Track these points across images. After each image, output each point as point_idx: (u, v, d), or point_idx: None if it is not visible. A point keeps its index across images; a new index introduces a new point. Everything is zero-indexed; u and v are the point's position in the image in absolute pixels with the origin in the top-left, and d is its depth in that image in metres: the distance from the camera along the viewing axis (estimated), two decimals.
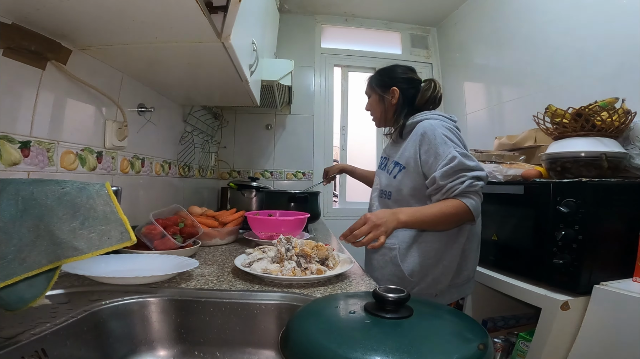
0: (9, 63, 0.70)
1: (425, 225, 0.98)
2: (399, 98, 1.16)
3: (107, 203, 0.48)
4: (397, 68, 1.21)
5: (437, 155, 0.99)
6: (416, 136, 1.06)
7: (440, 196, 0.98)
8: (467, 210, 0.95)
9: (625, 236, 1.06)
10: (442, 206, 0.95)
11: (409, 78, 1.18)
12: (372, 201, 1.23)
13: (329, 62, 2.67)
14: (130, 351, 0.61)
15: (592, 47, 1.44)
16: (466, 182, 0.94)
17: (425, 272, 1.05)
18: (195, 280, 0.76)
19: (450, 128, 1.04)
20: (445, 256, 1.06)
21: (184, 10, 0.69)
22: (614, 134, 1.17)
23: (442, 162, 0.97)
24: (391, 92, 1.17)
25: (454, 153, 0.96)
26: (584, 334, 1.01)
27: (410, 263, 1.06)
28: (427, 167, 1.02)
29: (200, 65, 1.03)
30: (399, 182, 1.09)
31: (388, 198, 1.14)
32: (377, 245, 0.87)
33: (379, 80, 1.22)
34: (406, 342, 0.38)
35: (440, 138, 1.00)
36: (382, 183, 1.18)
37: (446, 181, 0.96)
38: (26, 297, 0.47)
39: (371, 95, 1.24)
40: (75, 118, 0.92)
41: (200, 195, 2.03)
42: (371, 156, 2.72)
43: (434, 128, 1.02)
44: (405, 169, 1.08)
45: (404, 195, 1.08)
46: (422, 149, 1.03)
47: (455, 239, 1.06)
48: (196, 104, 1.73)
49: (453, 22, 2.53)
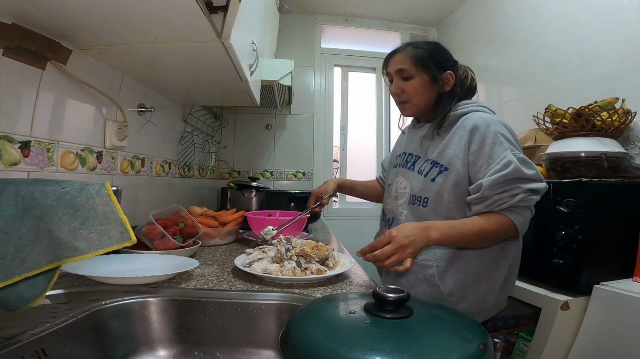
0: (9, 63, 0.70)
1: (461, 244, 0.84)
2: (452, 87, 0.96)
3: (107, 203, 0.48)
4: (446, 51, 0.99)
5: (490, 157, 0.83)
6: (464, 131, 0.89)
7: (483, 208, 0.82)
8: (513, 227, 0.80)
9: (625, 236, 1.06)
10: (484, 222, 0.80)
11: (458, 65, 1.00)
12: (399, 208, 1.00)
13: (329, 62, 2.67)
14: (130, 351, 0.61)
15: (592, 47, 1.44)
16: (519, 196, 0.79)
17: (466, 291, 0.91)
18: (195, 280, 0.76)
19: (507, 127, 0.88)
20: (490, 273, 0.91)
21: (184, 10, 0.69)
22: (614, 134, 1.17)
23: (494, 167, 0.81)
24: (446, 76, 0.95)
25: (510, 158, 0.80)
26: (584, 334, 1.01)
27: (449, 281, 0.90)
28: (475, 169, 0.85)
29: (200, 65, 1.03)
30: (439, 187, 0.90)
31: (424, 205, 0.93)
32: (402, 269, 0.73)
33: (434, 58, 0.95)
34: (406, 342, 0.38)
35: (496, 137, 0.84)
36: (414, 186, 0.96)
37: (494, 191, 0.80)
38: (26, 297, 0.47)
39: (414, 76, 0.95)
40: (75, 118, 0.92)
41: (200, 195, 2.03)
42: (371, 156, 2.72)
43: (489, 124, 0.86)
44: (447, 171, 0.90)
45: (445, 202, 0.90)
46: (472, 147, 0.86)
47: (502, 254, 0.92)
48: (196, 104, 1.73)
49: (453, 22, 2.53)
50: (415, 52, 0.95)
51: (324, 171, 2.59)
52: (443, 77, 0.95)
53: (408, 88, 0.96)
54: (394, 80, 0.99)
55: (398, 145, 1.18)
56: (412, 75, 0.95)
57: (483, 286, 0.91)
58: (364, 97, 2.76)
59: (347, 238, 1.85)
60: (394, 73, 0.98)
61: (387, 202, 1.08)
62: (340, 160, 2.70)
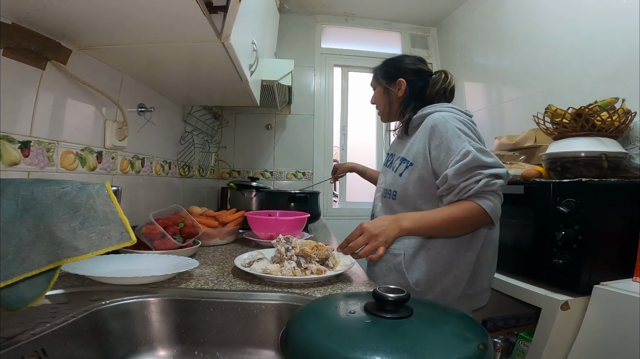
0: (9, 63, 0.70)
1: (433, 232, 0.88)
2: (405, 91, 1.07)
3: (107, 203, 0.48)
4: (405, 59, 1.11)
5: (449, 150, 0.89)
6: (425, 129, 0.96)
7: (453, 197, 0.87)
8: (483, 212, 0.84)
9: (625, 236, 1.06)
10: (453, 209, 0.85)
11: (418, 70, 1.08)
12: (376, 201, 1.14)
13: (329, 62, 2.67)
14: (130, 351, 0.61)
15: (592, 47, 1.44)
16: (482, 181, 0.83)
17: (433, 282, 0.95)
18: (195, 280, 0.76)
19: (465, 121, 0.94)
20: (456, 264, 0.95)
21: (184, 10, 0.69)
22: (614, 134, 1.17)
23: (454, 158, 0.87)
24: (397, 83, 1.07)
25: (468, 148, 0.86)
26: (584, 334, 1.01)
27: (416, 271, 0.96)
28: (438, 163, 0.91)
29: (200, 65, 1.03)
30: (405, 180, 0.99)
31: (392, 198, 1.03)
32: (375, 257, 0.79)
33: (384, 71, 1.11)
34: (406, 342, 0.38)
35: (453, 132, 0.90)
36: (387, 181, 1.08)
37: (459, 180, 0.85)
38: (26, 297, 0.47)
39: (376, 87, 1.15)
40: (75, 118, 0.92)
41: (200, 195, 2.03)
42: (371, 156, 2.72)
43: (446, 121, 0.92)
44: (412, 166, 0.98)
45: (411, 194, 0.98)
46: (433, 144, 0.93)
47: (468, 246, 0.95)
48: (196, 104, 1.73)
49: (453, 22, 2.53)
50: (376, 69, 1.15)
51: (324, 171, 2.58)
52: (395, 84, 1.09)
53: (373, 98, 1.18)
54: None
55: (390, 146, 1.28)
56: (374, 87, 1.16)
57: (449, 277, 0.95)
58: (364, 97, 2.75)
59: None
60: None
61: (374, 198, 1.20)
62: (340, 160, 2.69)
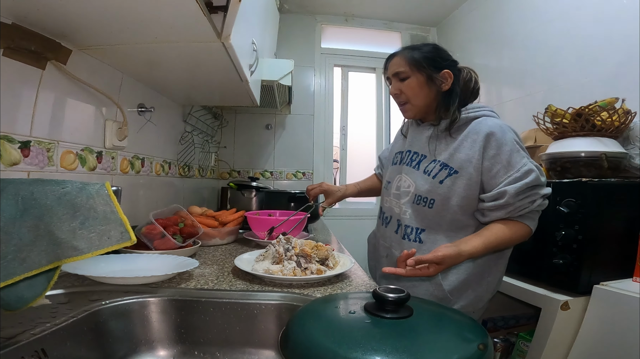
0: (9, 63, 0.70)
1: (484, 254, 0.86)
2: (451, 86, 0.95)
3: (107, 203, 0.48)
4: (443, 50, 0.99)
5: (509, 165, 0.84)
6: (477, 136, 0.88)
7: (503, 214, 0.84)
8: (530, 233, 0.84)
9: (625, 236, 1.06)
10: (506, 233, 0.83)
11: (457, 66, 0.99)
12: (402, 207, 0.99)
13: (329, 62, 2.67)
14: (130, 351, 0.61)
15: (592, 47, 1.44)
16: (537, 202, 0.82)
17: (467, 289, 0.93)
18: (195, 280, 0.76)
19: (517, 133, 0.89)
20: (489, 272, 0.94)
21: (184, 10, 0.69)
22: (614, 134, 1.17)
23: (514, 174, 0.82)
24: (443, 75, 0.94)
25: (530, 166, 0.82)
26: (584, 334, 1.01)
27: (453, 280, 0.92)
28: (490, 175, 0.86)
29: (200, 65, 1.03)
30: (447, 189, 0.90)
31: (429, 206, 0.93)
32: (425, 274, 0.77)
33: (428, 58, 0.95)
34: (406, 342, 0.38)
35: (512, 145, 0.84)
36: (420, 186, 0.95)
37: (516, 199, 0.82)
38: (26, 297, 0.47)
39: (410, 76, 0.96)
40: (75, 118, 0.92)
41: (200, 195, 2.03)
42: (371, 156, 2.72)
43: (504, 132, 0.86)
44: (457, 174, 0.89)
45: (452, 205, 0.90)
46: (488, 153, 0.86)
47: (501, 254, 0.95)
48: (196, 104, 1.73)
49: (453, 22, 2.53)
50: (411, 53, 0.96)
51: (324, 171, 2.59)
52: (439, 76, 0.94)
53: (405, 88, 0.97)
54: (392, 82, 1.00)
55: (397, 142, 1.16)
56: (408, 76, 0.96)
57: (483, 284, 0.94)
58: (364, 97, 2.76)
59: (347, 238, 1.85)
60: (392, 77, 0.99)
61: (386, 200, 1.08)
62: (340, 160, 2.70)
